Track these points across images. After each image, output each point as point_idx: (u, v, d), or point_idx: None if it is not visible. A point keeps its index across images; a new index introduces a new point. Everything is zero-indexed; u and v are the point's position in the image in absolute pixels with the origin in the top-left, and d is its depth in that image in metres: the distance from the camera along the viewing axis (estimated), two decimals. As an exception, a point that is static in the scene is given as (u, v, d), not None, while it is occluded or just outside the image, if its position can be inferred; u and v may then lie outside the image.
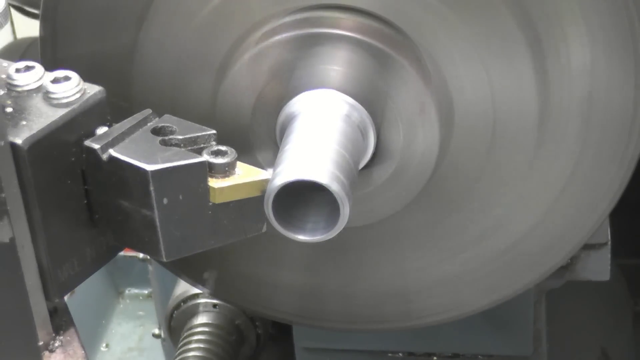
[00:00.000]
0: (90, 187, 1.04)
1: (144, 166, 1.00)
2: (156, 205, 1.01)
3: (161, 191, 1.00)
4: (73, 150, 1.02)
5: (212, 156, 1.03)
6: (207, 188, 1.03)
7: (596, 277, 1.53)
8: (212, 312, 1.93)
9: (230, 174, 1.04)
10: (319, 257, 1.38)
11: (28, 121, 0.99)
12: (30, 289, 1.01)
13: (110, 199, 1.03)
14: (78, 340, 1.07)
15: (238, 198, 1.04)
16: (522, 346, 1.69)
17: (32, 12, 2.49)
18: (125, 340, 2.68)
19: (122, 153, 1.01)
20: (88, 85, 1.04)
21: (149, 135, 1.04)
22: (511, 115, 1.24)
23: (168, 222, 1.02)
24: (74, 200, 1.03)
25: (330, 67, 1.19)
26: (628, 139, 1.25)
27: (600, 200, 1.29)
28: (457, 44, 1.20)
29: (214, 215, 1.04)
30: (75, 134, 1.02)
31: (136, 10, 1.24)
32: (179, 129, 1.05)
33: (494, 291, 1.37)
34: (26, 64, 1.06)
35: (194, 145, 1.04)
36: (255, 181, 1.05)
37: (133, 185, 1.01)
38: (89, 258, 1.06)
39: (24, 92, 1.04)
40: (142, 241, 1.04)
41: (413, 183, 1.26)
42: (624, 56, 1.20)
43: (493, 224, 1.32)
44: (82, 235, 1.05)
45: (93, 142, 1.02)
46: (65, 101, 1.02)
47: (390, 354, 1.72)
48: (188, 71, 1.26)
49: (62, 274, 1.04)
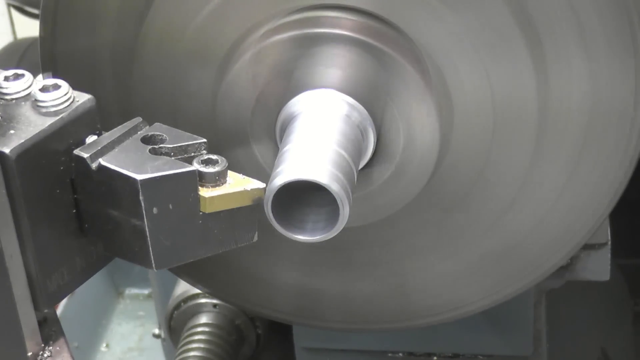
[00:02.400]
0: (79, 197, 1.02)
1: (133, 175, 0.98)
2: (146, 214, 0.99)
3: (151, 201, 0.99)
4: (62, 159, 1.01)
5: (203, 165, 1.02)
6: (198, 197, 1.01)
7: (596, 277, 1.53)
8: (212, 312, 1.93)
9: (221, 183, 1.02)
10: (319, 257, 1.39)
11: (16, 130, 0.98)
12: (19, 299, 1.00)
13: (100, 209, 1.02)
14: (68, 350, 1.05)
15: (229, 207, 1.03)
16: (522, 346, 1.69)
17: (32, 12, 2.49)
18: (125, 340, 2.68)
19: (111, 162, 1.00)
20: (77, 93, 1.03)
21: (138, 144, 1.03)
22: (511, 115, 1.24)
23: (158, 231, 1.01)
24: (63, 210, 1.02)
25: (330, 67, 1.19)
26: (628, 139, 1.25)
27: (600, 200, 1.29)
28: (457, 44, 1.20)
29: (205, 225, 1.03)
30: (64, 142, 1.00)
31: (137, 7, 1.24)
32: (169, 138, 1.04)
33: (494, 291, 1.37)
34: (15, 71, 1.04)
35: (184, 154, 1.03)
36: (246, 190, 1.03)
37: (123, 195, 0.99)
38: (78, 268, 1.05)
39: (12, 101, 1.02)
40: (132, 251, 1.03)
41: (413, 183, 1.26)
42: (624, 56, 1.20)
43: (493, 224, 1.32)
44: (72, 244, 1.04)
45: (82, 151, 1.01)
46: (54, 110, 1.01)
47: (390, 354, 1.72)
48: (188, 71, 1.26)
49: (52, 284, 1.02)
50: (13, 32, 3.11)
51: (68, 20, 1.25)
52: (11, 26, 3.09)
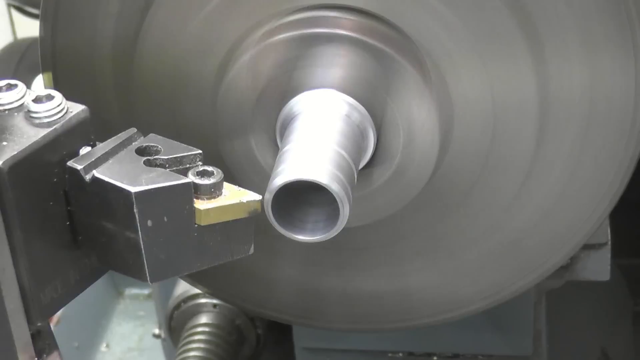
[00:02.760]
0: (73, 209, 1.01)
1: (127, 187, 0.96)
2: (140, 227, 0.97)
3: (145, 213, 0.97)
4: (55, 171, 0.99)
5: (198, 177, 1.00)
6: (193, 210, 0.99)
7: (596, 277, 1.53)
8: (212, 312, 1.93)
9: (216, 195, 1.00)
10: (319, 257, 1.39)
11: (9, 141, 0.96)
12: (11, 312, 0.98)
13: (94, 221, 1.00)
14: None
15: (224, 220, 1.01)
16: (522, 346, 1.69)
17: (32, 12, 2.49)
18: (125, 340, 2.68)
19: (105, 174, 0.98)
20: (71, 104, 1.01)
21: (133, 155, 1.01)
22: (511, 115, 1.24)
23: (152, 244, 0.99)
24: (56, 222, 1.00)
25: (331, 67, 1.19)
26: (628, 139, 1.25)
27: (600, 200, 1.29)
28: (457, 44, 1.20)
29: (200, 238, 1.01)
30: (57, 154, 0.99)
31: (138, 6, 1.24)
32: (164, 149, 1.01)
33: (494, 291, 1.37)
34: (8, 82, 1.02)
35: (179, 165, 1.01)
36: (242, 202, 1.01)
37: (117, 207, 0.98)
38: (72, 280, 1.03)
39: (5, 112, 1.00)
40: (127, 263, 1.01)
41: (413, 183, 1.26)
42: (624, 56, 1.20)
43: (493, 224, 1.32)
44: (65, 257, 1.02)
45: (76, 163, 0.99)
46: (47, 121, 0.99)
47: (390, 354, 1.72)
48: (188, 71, 1.26)
49: (45, 297, 1.00)
50: (13, 32, 3.11)
51: (68, 20, 1.25)
52: (11, 26, 3.09)
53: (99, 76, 1.28)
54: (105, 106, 1.29)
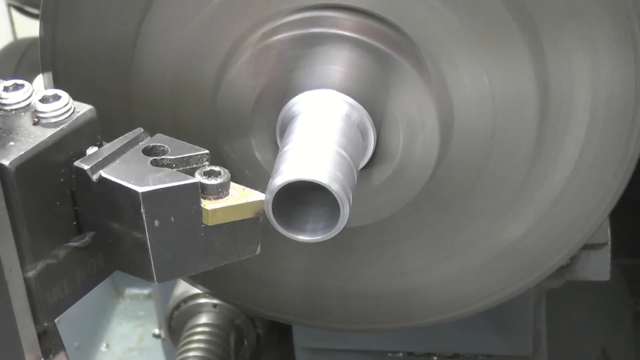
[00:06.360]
0: (80, 209, 1.00)
1: (134, 188, 0.96)
2: (147, 227, 0.97)
3: (152, 213, 0.97)
4: (62, 171, 0.99)
5: (205, 177, 1.00)
6: (200, 210, 0.99)
7: (596, 277, 1.53)
8: (212, 312, 1.93)
9: (223, 195, 1.00)
10: (319, 257, 1.39)
11: (16, 141, 0.96)
12: (18, 313, 0.98)
13: (101, 221, 1.00)
14: None
15: (231, 220, 1.01)
16: (522, 346, 1.69)
17: (32, 12, 2.49)
18: (125, 340, 2.68)
19: (112, 174, 0.98)
20: (78, 104, 1.01)
21: (140, 156, 1.00)
22: (511, 114, 1.24)
23: (159, 244, 0.99)
24: (63, 222, 1.00)
25: (331, 67, 1.19)
26: (628, 138, 1.25)
27: (600, 200, 1.29)
28: (457, 44, 1.20)
29: (207, 238, 1.01)
30: (64, 154, 0.98)
31: (138, 6, 1.24)
32: (171, 149, 1.01)
33: (494, 291, 1.38)
34: (15, 82, 1.02)
35: (186, 165, 1.01)
36: (249, 203, 1.01)
37: (124, 207, 0.98)
38: (79, 280, 1.03)
39: (12, 111, 1.00)
40: (133, 264, 1.01)
41: (413, 183, 1.26)
42: (624, 56, 1.20)
43: (492, 224, 1.32)
44: (72, 257, 1.01)
45: (83, 163, 0.99)
46: (54, 121, 0.99)
47: (390, 354, 1.73)
48: (188, 71, 1.26)
49: (52, 298, 1.00)
50: (13, 32, 3.11)
51: (68, 20, 1.25)
52: (11, 26, 3.09)
53: (99, 76, 1.28)
54: (105, 106, 1.29)
